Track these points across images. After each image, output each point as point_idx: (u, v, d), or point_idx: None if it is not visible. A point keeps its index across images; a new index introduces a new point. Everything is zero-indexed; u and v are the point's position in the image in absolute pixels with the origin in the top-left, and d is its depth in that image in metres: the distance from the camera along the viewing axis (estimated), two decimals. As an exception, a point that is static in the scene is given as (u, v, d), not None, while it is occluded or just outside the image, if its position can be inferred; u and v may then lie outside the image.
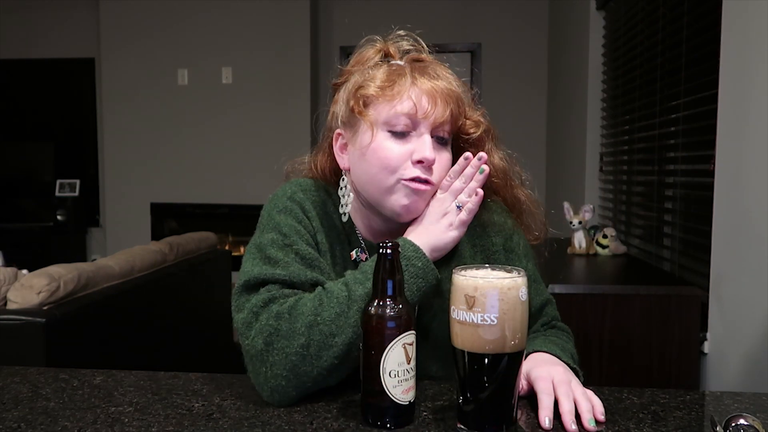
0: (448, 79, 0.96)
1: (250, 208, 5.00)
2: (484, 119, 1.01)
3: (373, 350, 0.76)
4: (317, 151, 1.08)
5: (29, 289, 1.88)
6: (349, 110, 0.96)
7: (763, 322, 1.48)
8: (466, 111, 0.98)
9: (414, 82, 0.93)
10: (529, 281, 0.76)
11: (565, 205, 2.53)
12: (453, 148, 0.99)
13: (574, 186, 3.64)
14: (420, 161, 0.91)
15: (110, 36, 5.17)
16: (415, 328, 0.79)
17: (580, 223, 2.48)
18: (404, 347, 0.76)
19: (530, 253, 1.07)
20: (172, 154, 5.17)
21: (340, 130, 1.00)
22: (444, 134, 0.95)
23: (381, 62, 0.98)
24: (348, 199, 0.99)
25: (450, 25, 5.09)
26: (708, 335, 1.80)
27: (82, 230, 5.52)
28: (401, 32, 1.01)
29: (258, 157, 4.92)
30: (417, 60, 0.99)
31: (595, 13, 3.30)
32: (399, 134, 0.92)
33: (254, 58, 5.01)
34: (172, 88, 5.12)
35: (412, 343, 0.78)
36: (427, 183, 0.93)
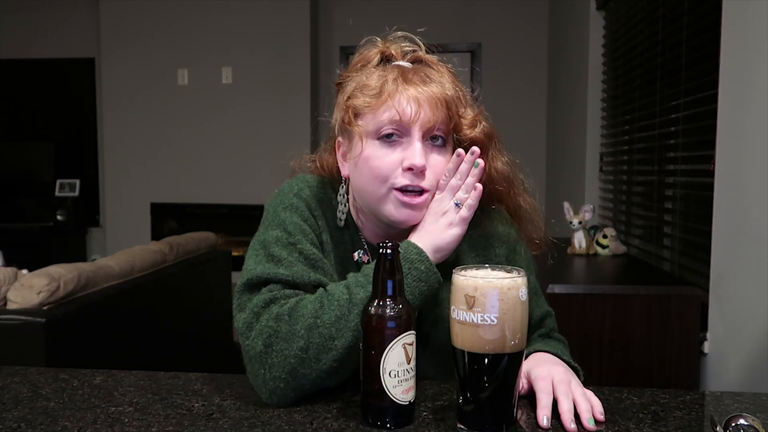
0: (440, 81, 0.94)
1: (250, 208, 5.01)
2: (482, 119, 0.99)
3: (373, 350, 0.76)
4: (324, 149, 1.07)
5: (29, 289, 1.88)
6: (342, 121, 0.95)
7: (763, 322, 1.48)
8: (460, 111, 0.96)
9: (398, 89, 0.91)
10: (530, 294, 0.76)
11: (565, 205, 2.53)
12: None
13: (574, 186, 3.64)
14: (410, 168, 0.89)
15: (110, 36, 5.17)
16: (416, 330, 0.79)
17: (580, 223, 2.48)
18: (404, 347, 0.76)
19: (532, 266, 1.06)
20: (172, 154, 5.17)
21: (339, 139, 0.99)
22: (439, 135, 0.93)
23: (376, 67, 0.97)
24: (344, 208, 0.99)
25: (450, 25, 5.09)
26: (708, 335, 1.80)
27: (82, 230, 5.52)
28: (400, 33, 1.00)
29: (258, 157, 4.92)
30: (417, 60, 0.98)
31: (595, 13, 3.30)
32: (389, 142, 0.91)
33: (254, 58, 5.01)
34: (172, 88, 5.12)
35: (412, 343, 0.78)
36: (421, 194, 0.91)
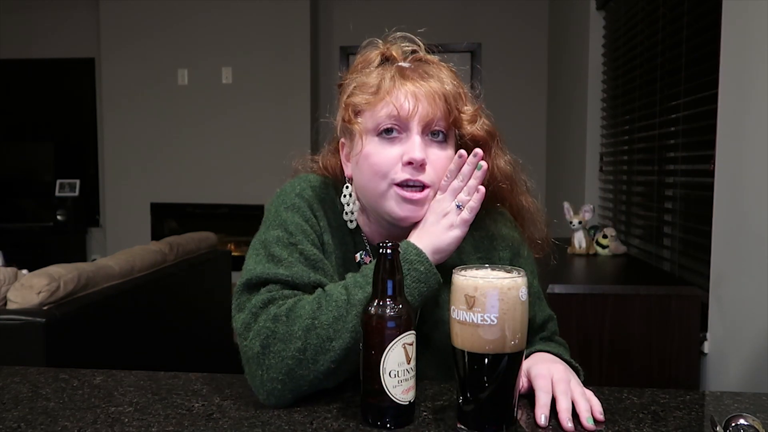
0: (439, 76, 0.94)
1: (250, 208, 5.01)
2: (482, 114, 0.98)
3: (373, 350, 0.76)
4: (327, 150, 1.07)
5: (29, 289, 1.88)
6: (343, 120, 0.96)
7: (763, 322, 1.48)
8: (459, 106, 0.95)
9: (396, 85, 0.91)
10: (533, 298, 0.76)
11: (565, 205, 2.53)
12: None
13: (574, 186, 3.64)
14: (409, 162, 0.89)
15: (110, 36, 5.17)
16: (416, 330, 0.79)
17: (580, 223, 2.48)
18: (404, 347, 0.76)
19: (535, 270, 1.06)
20: (172, 154, 5.17)
21: (342, 139, 0.99)
22: (439, 130, 0.92)
23: (376, 67, 0.97)
24: (352, 207, 0.98)
25: (450, 25, 5.09)
26: (708, 335, 1.80)
27: (82, 230, 5.52)
28: (400, 33, 0.99)
29: (258, 157, 4.92)
30: (419, 60, 0.98)
31: (595, 13, 3.30)
32: (389, 138, 0.91)
33: (254, 58, 5.01)
34: (172, 88, 5.12)
35: (412, 343, 0.77)
36: (422, 189, 0.91)
